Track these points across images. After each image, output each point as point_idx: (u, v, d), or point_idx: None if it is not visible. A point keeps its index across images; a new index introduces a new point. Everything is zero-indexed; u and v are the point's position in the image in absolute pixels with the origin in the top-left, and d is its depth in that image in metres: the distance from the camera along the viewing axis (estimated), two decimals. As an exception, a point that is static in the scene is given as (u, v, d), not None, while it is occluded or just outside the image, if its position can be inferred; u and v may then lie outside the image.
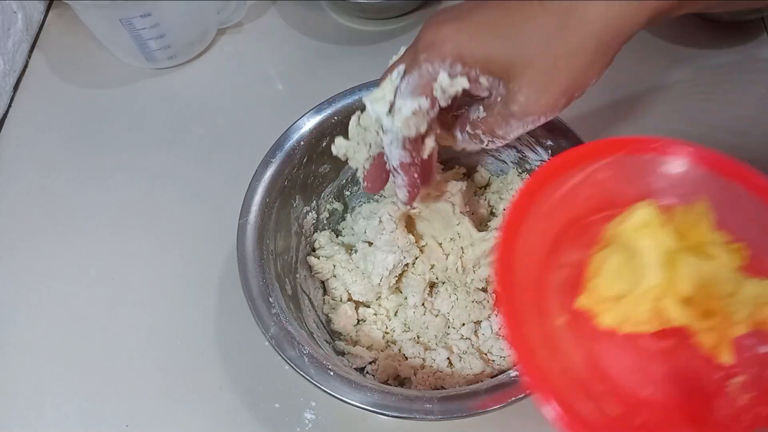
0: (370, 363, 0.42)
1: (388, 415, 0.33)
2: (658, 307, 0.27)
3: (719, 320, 0.27)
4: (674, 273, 0.27)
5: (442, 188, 0.43)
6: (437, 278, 0.44)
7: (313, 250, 0.47)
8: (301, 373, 0.35)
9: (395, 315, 0.45)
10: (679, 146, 0.31)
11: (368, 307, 0.45)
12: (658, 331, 0.27)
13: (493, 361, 0.42)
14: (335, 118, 0.43)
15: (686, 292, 0.27)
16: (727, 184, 0.30)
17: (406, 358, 0.43)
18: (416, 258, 0.44)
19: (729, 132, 0.52)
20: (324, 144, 0.44)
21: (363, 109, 0.35)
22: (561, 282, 0.29)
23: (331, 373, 0.35)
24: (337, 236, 0.48)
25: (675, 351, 0.28)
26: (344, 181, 0.48)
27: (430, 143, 0.34)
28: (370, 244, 0.44)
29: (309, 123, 0.43)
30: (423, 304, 0.43)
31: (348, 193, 0.49)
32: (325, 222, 0.48)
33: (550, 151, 0.42)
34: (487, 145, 0.35)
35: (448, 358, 0.42)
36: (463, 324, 0.43)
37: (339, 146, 0.38)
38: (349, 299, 0.45)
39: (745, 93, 0.55)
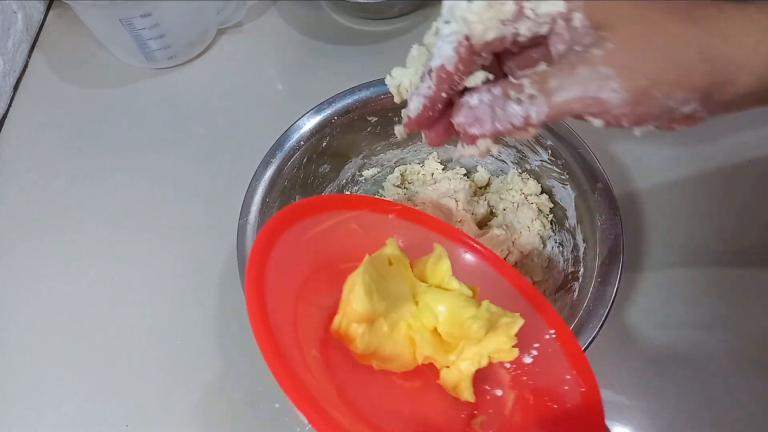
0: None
1: (387, 415, 0.33)
2: (409, 337, 0.29)
3: (459, 353, 0.29)
4: (420, 307, 0.30)
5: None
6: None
7: (313, 250, 0.47)
8: (301, 373, 0.35)
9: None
10: (413, 212, 0.35)
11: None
12: (409, 372, 0.30)
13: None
14: (335, 118, 0.43)
15: (431, 324, 0.29)
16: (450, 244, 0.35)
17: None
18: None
19: (728, 132, 0.53)
20: (324, 144, 0.44)
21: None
22: (315, 318, 0.29)
23: (331, 374, 0.34)
24: (337, 236, 0.48)
25: (424, 390, 0.30)
26: (344, 181, 0.48)
27: (479, 75, 0.28)
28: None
29: (309, 123, 0.43)
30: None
31: (348, 192, 0.49)
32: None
33: (550, 151, 0.42)
34: (511, 127, 0.27)
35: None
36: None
37: (395, 76, 0.32)
38: (349, 299, 0.45)
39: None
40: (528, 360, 0.31)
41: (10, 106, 0.58)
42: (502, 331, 0.29)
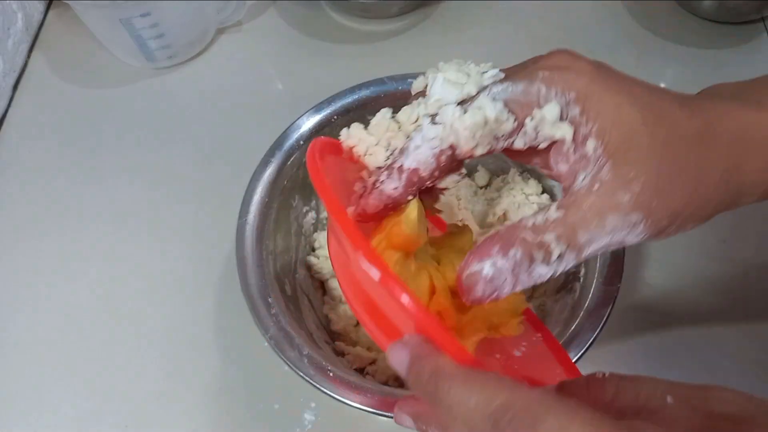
0: (369, 364, 0.42)
1: (388, 416, 0.33)
2: (430, 284, 0.28)
3: (469, 317, 0.29)
4: (443, 263, 0.29)
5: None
6: (437, 278, 0.44)
7: (313, 250, 0.47)
8: (301, 374, 0.35)
9: (395, 315, 0.45)
10: None
11: (368, 307, 0.45)
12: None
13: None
14: (335, 117, 0.43)
15: (451, 279, 0.28)
16: None
17: (406, 359, 0.42)
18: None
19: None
20: (324, 144, 0.44)
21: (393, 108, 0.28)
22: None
23: (331, 374, 0.34)
24: (336, 236, 0.48)
25: None
26: (344, 181, 0.48)
27: (454, 178, 0.27)
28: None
29: (309, 123, 0.43)
30: (423, 305, 0.43)
31: (348, 193, 0.49)
32: (324, 222, 0.48)
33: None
34: (545, 274, 0.24)
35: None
36: (463, 324, 0.43)
37: (352, 135, 0.29)
38: (349, 299, 0.45)
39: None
40: (518, 353, 0.32)
41: (9, 105, 0.58)
42: (510, 306, 0.30)
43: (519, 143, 0.25)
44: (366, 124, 0.28)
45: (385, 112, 0.28)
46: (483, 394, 0.21)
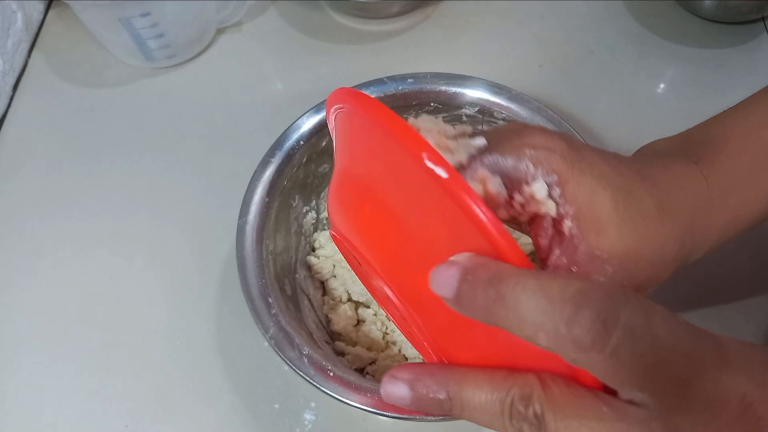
0: (369, 364, 0.42)
1: (388, 416, 0.33)
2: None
3: None
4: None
5: None
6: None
7: (313, 250, 0.47)
8: (301, 373, 0.35)
9: (395, 315, 0.45)
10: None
11: (368, 307, 0.45)
12: None
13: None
14: (335, 117, 0.43)
15: None
16: None
17: (407, 359, 0.42)
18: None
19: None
20: (324, 144, 0.44)
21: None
22: None
23: (331, 374, 0.34)
24: (336, 236, 0.48)
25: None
26: (344, 181, 0.48)
27: None
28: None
29: (309, 123, 0.43)
30: (423, 305, 0.43)
31: (348, 193, 0.49)
32: (324, 222, 0.48)
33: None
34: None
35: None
36: (463, 324, 0.43)
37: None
38: (349, 299, 0.45)
39: (746, 92, 0.55)
40: None
41: (9, 105, 0.58)
42: None
43: (502, 215, 0.26)
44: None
45: None
46: (557, 281, 0.19)
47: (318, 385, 0.34)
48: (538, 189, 0.25)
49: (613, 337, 0.18)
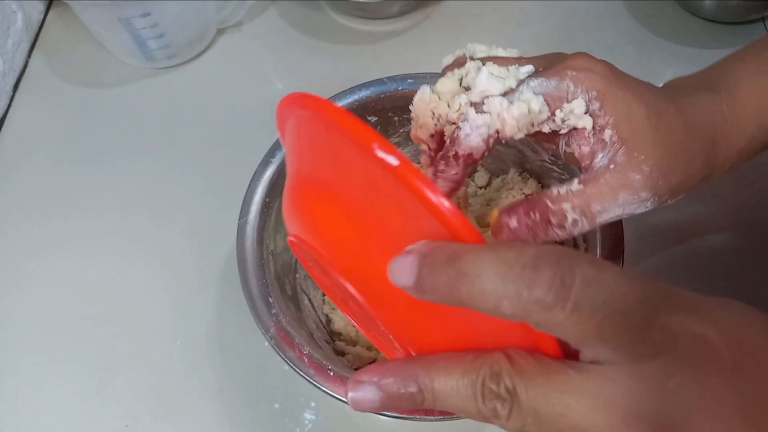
0: (369, 363, 0.42)
1: (388, 416, 0.33)
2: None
3: None
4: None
5: None
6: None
7: (313, 250, 0.47)
8: (301, 373, 0.35)
9: (395, 315, 0.45)
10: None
11: (368, 307, 0.45)
12: None
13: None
14: (335, 117, 0.43)
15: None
16: None
17: (406, 359, 0.42)
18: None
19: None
20: (324, 144, 0.44)
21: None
22: None
23: (331, 374, 0.34)
24: (337, 236, 0.48)
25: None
26: (344, 181, 0.48)
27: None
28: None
29: (309, 123, 0.43)
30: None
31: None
32: (324, 222, 0.48)
33: (550, 152, 0.42)
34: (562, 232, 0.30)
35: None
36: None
37: (422, 99, 0.32)
38: (349, 299, 0.45)
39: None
40: None
41: (9, 106, 0.58)
42: None
43: (546, 129, 0.30)
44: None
45: (424, 87, 0.32)
46: (513, 250, 0.19)
47: (318, 385, 0.34)
48: (577, 105, 0.29)
49: (572, 292, 0.19)
